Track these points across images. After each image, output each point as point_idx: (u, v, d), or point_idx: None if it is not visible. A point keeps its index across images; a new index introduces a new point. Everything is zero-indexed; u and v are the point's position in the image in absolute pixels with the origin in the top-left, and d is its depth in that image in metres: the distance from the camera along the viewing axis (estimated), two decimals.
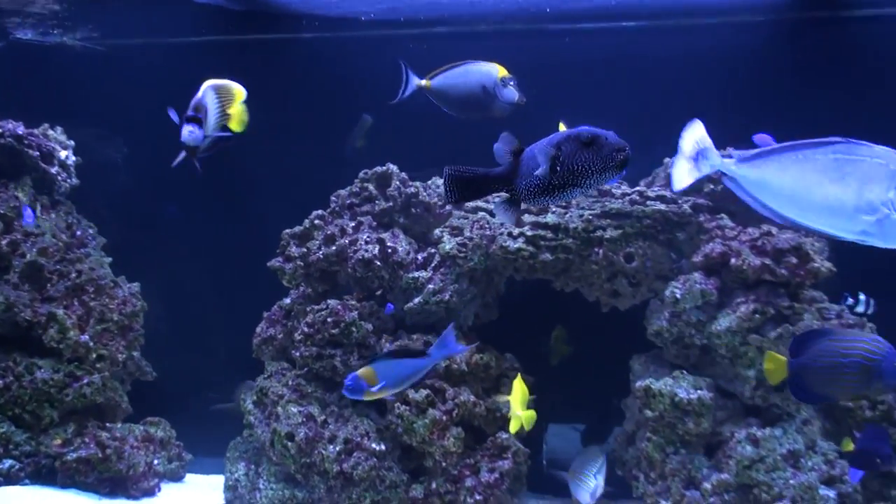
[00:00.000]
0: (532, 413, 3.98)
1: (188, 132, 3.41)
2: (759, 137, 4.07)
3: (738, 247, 4.14)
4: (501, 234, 4.41)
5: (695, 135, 3.40)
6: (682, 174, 3.47)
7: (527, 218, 4.42)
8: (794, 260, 4.07)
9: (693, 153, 3.41)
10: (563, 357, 4.89)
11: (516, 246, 4.35)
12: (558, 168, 2.75)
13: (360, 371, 3.51)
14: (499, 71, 4.13)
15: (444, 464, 4.33)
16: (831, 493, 4.00)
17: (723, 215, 4.37)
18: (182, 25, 5.54)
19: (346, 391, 3.54)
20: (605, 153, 2.72)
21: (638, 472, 4.34)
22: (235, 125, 3.61)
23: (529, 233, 4.36)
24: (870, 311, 4.28)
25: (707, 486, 4.04)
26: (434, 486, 4.36)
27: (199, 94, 3.49)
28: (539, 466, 4.91)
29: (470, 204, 4.67)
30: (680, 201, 4.38)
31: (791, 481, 3.98)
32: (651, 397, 4.16)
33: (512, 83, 4.10)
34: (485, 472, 4.35)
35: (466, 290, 4.55)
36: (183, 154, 3.51)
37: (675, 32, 5.03)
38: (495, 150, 2.92)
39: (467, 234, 4.52)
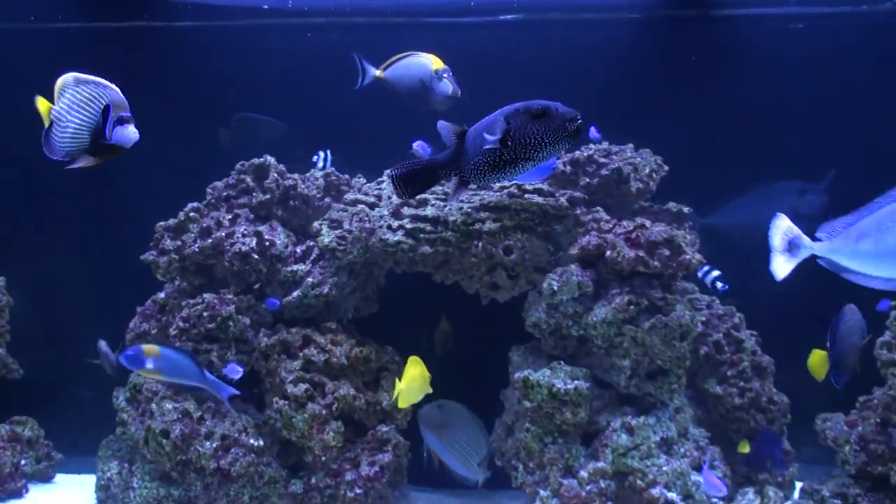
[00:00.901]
0: (412, 388, 3.94)
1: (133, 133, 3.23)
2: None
3: (613, 239, 4.20)
4: (381, 226, 4.37)
5: (782, 228, 3.44)
6: (781, 267, 3.49)
7: (406, 211, 4.40)
8: (666, 252, 4.16)
9: (785, 245, 3.45)
10: (446, 349, 4.89)
11: (396, 239, 4.32)
12: (509, 142, 2.71)
13: (146, 347, 3.61)
14: (433, 63, 4.10)
15: (323, 458, 4.29)
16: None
17: (598, 208, 4.44)
18: (56, 9, 5.30)
19: (123, 358, 3.63)
20: (556, 124, 2.68)
21: (517, 463, 4.39)
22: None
23: (409, 226, 4.34)
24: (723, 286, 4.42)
25: (584, 474, 4.11)
26: (314, 480, 4.32)
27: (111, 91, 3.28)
28: (420, 459, 4.91)
29: (349, 196, 4.62)
30: (557, 194, 4.43)
31: (664, 468, 4.08)
32: (529, 388, 4.19)
33: (446, 75, 4.07)
34: (365, 465, 4.33)
35: (346, 283, 4.51)
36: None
37: (551, 27, 5.06)
38: (442, 135, 2.90)
39: (346, 226, 4.47)
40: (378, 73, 4.25)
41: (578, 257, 4.29)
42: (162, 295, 4.69)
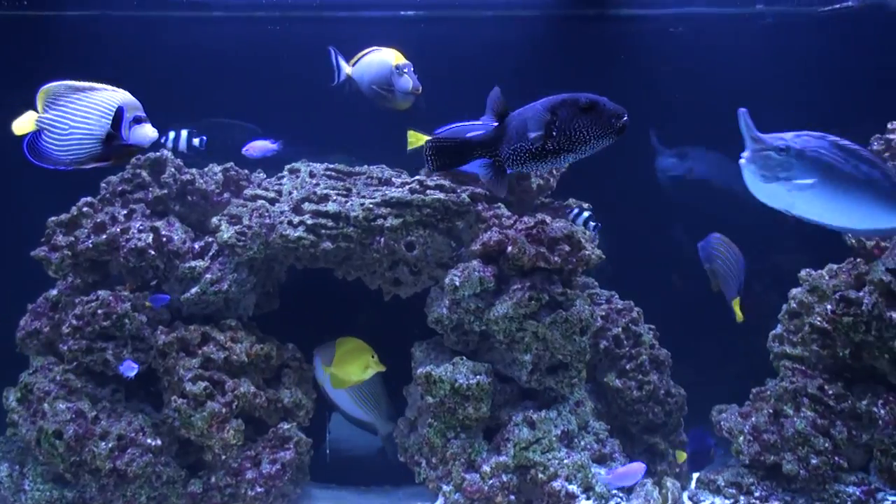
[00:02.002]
0: (349, 371, 3.92)
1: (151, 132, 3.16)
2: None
3: (514, 235, 4.23)
4: (281, 222, 4.32)
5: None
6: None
7: (307, 206, 4.35)
8: (566, 248, 4.20)
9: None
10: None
11: (296, 234, 4.28)
12: (554, 133, 2.66)
13: None
14: (395, 58, 3.98)
15: (224, 457, 4.24)
16: (602, 471, 4.17)
17: (500, 205, 4.46)
18: None
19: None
20: (604, 119, 2.67)
21: (420, 458, 4.39)
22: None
23: (310, 221, 4.30)
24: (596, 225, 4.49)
25: (486, 468, 4.13)
26: (214, 480, 4.25)
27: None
28: (323, 456, 4.89)
29: (248, 192, 4.55)
30: (458, 190, 4.43)
31: (565, 461, 4.12)
32: (432, 384, 4.20)
33: (407, 70, 3.96)
34: (266, 463, 4.28)
35: (246, 279, 4.45)
36: None
37: (451, 23, 5.07)
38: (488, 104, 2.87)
39: (246, 222, 4.40)
40: (349, 69, 4.12)
41: (480, 253, 4.30)
42: (54, 292, 4.53)
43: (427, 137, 3.90)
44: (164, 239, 4.37)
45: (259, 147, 4.58)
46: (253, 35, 5.19)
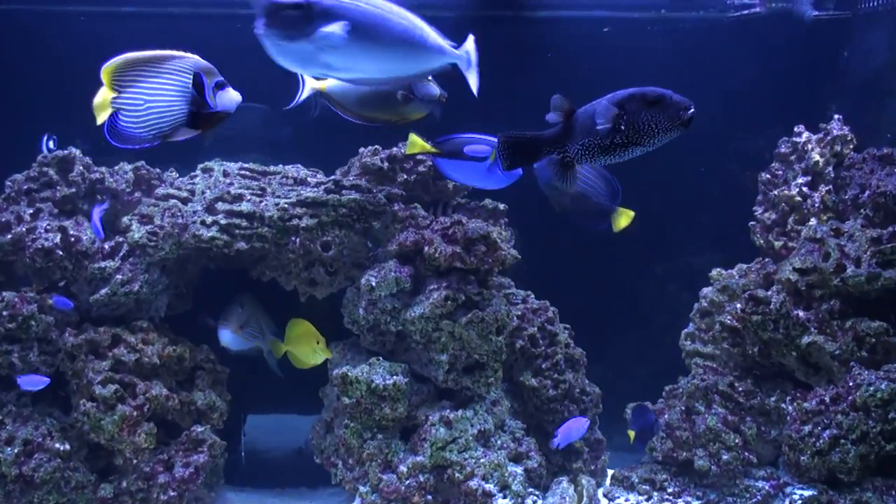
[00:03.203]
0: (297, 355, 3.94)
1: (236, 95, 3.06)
2: None
3: (431, 235, 4.23)
4: (194, 222, 4.25)
5: None
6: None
7: (220, 206, 4.29)
8: (482, 248, 4.21)
9: None
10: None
11: (210, 234, 4.21)
12: (622, 127, 2.68)
13: None
14: None
15: (135, 461, 4.16)
16: (519, 469, 4.21)
17: (416, 205, 4.46)
18: None
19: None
20: (671, 112, 2.72)
21: (336, 459, 4.37)
22: None
23: (223, 221, 4.24)
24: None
25: (403, 468, 4.12)
26: (125, 484, 4.17)
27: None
28: (238, 459, 4.84)
29: (160, 191, 4.47)
30: (375, 190, 4.42)
31: (482, 460, 4.14)
32: (348, 384, 4.18)
33: (429, 77, 3.80)
34: (179, 467, 4.22)
35: (158, 280, 4.37)
36: None
37: None
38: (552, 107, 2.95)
39: (158, 222, 4.33)
40: (320, 85, 3.79)
41: (396, 253, 4.30)
42: None
43: (425, 144, 3.88)
44: (73, 239, 4.27)
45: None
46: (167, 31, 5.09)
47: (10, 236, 4.25)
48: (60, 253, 4.23)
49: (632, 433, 4.23)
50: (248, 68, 3.48)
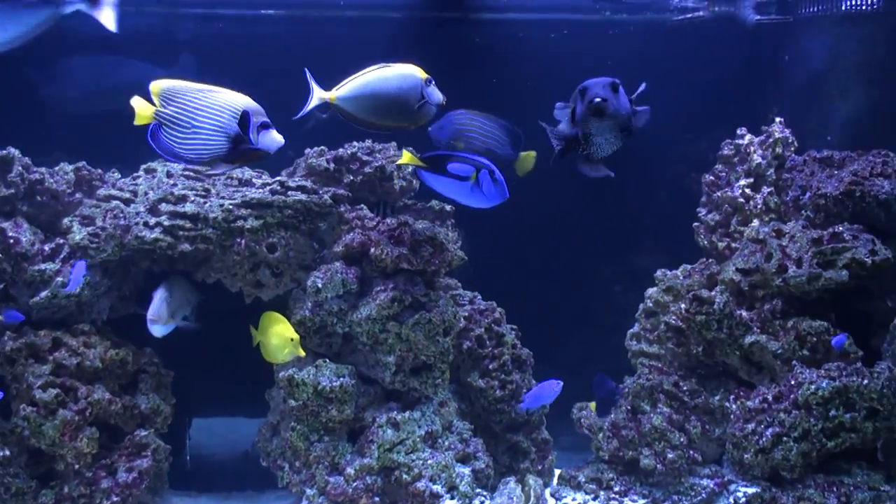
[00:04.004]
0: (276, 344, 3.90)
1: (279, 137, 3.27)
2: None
3: (377, 237, 4.22)
4: (137, 223, 4.20)
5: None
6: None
7: (164, 207, 4.24)
8: (429, 249, 4.21)
9: None
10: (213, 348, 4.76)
11: (153, 236, 4.16)
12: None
13: None
14: (420, 72, 3.78)
15: (77, 466, 4.08)
16: (466, 470, 4.22)
17: (362, 206, 4.45)
18: None
19: None
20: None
21: (283, 462, 4.35)
22: None
23: (167, 223, 4.19)
24: None
25: (350, 470, 4.11)
26: (66, 490, 4.10)
27: None
28: (183, 463, 4.79)
29: (102, 192, 4.39)
30: (321, 192, 4.40)
31: (429, 461, 4.14)
32: (294, 387, 4.16)
33: (433, 83, 3.78)
34: (122, 472, 4.16)
35: (100, 282, 4.31)
36: None
37: (310, 24, 5.02)
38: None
39: (100, 223, 4.26)
40: (329, 95, 3.72)
41: (343, 255, 4.28)
42: None
43: (415, 158, 3.89)
44: (11, 241, 4.18)
45: None
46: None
47: None
48: None
49: (593, 404, 4.27)
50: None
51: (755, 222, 4.64)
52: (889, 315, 4.38)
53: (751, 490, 4.17)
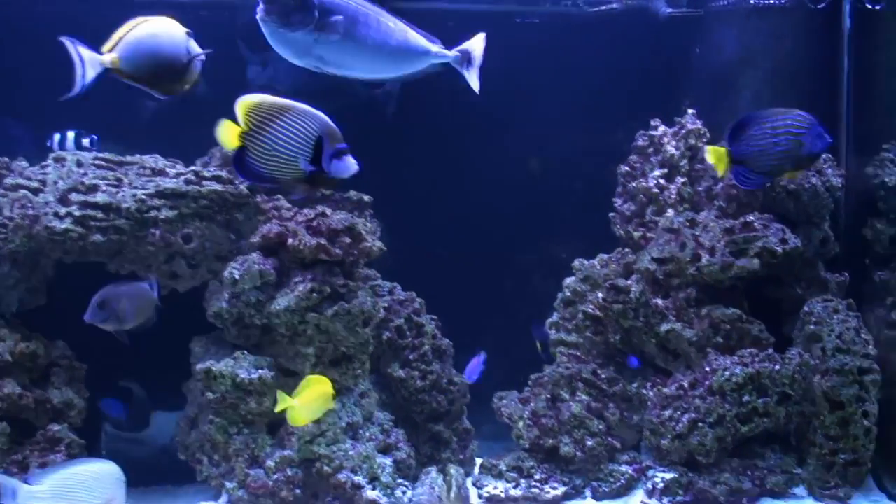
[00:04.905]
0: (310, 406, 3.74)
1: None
2: None
3: (295, 227, 4.18)
4: (46, 213, 4.10)
5: None
6: None
7: (74, 197, 4.15)
8: (347, 240, 4.20)
9: None
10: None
11: (63, 227, 4.07)
12: None
13: None
14: (179, 25, 3.32)
15: None
16: (388, 460, 4.23)
17: (279, 196, 4.42)
18: None
19: None
20: None
21: (202, 456, 4.28)
22: None
23: (78, 213, 4.10)
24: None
25: (271, 463, 4.09)
26: None
27: None
28: (99, 456, 4.69)
29: (9, 181, 4.27)
30: (237, 182, 4.36)
31: (351, 452, 4.13)
32: (212, 379, 4.10)
33: (192, 36, 3.35)
34: (35, 467, 4.02)
35: (8, 274, 4.20)
36: None
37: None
38: None
39: (7, 213, 4.15)
40: (109, 58, 3.15)
41: (260, 245, 4.24)
42: None
43: None
44: None
45: None
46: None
47: None
48: None
49: (539, 344, 4.34)
50: None
51: (669, 212, 4.72)
52: (799, 302, 4.52)
53: (668, 475, 4.26)
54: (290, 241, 4.15)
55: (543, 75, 4.84)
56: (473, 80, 3.43)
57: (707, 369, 4.28)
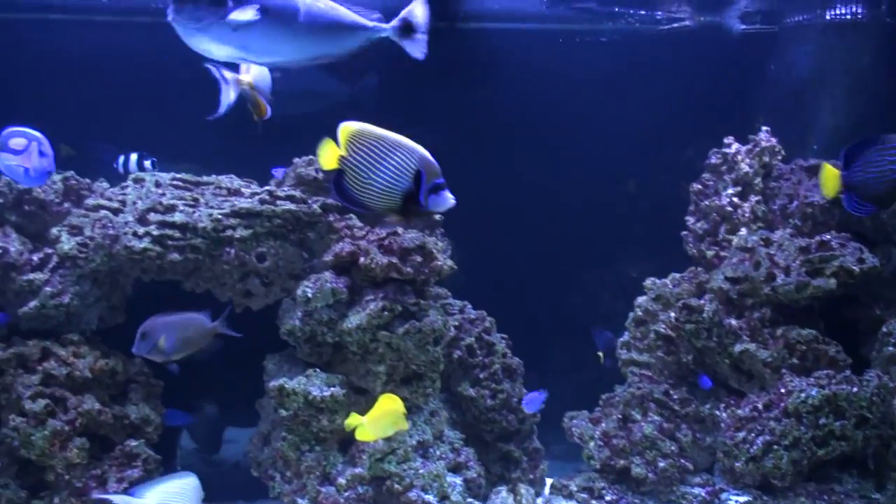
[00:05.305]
0: (380, 423, 3.75)
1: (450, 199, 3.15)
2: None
3: (367, 246, 4.22)
4: (126, 233, 4.19)
5: None
6: None
7: (153, 217, 4.23)
8: (419, 258, 4.22)
9: None
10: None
11: (142, 246, 4.15)
12: None
13: None
14: None
15: (67, 476, 4.06)
16: (458, 480, 4.22)
17: (351, 215, 4.45)
18: None
19: None
20: None
21: (274, 472, 4.32)
22: None
23: (156, 232, 4.18)
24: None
25: (342, 480, 4.10)
26: (57, 500, 4.07)
27: None
28: (174, 473, 4.76)
29: (90, 201, 4.38)
30: (310, 201, 4.40)
31: (421, 470, 4.14)
32: (285, 396, 4.14)
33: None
34: (113, 482, 4.13)
35: (89, 292, 4.30)
36: None
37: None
38: None
39: (88, 233, 4.25)
40: (247, 78, 3.51)
41: (332, 264, 4.28)
42: None
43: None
44: (0, 251, 4.18)
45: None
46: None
47: None
48: None
49: (601, 354, 4.30)
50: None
51: (743, 231, 4.65)
52: (877, 323, 4.41)
53: (742, 498, 4.19)
54: (362, 259, 4.18)
55: (614, 94, 4.84)
56: (417, 48, 3.27)
57: (782, 391, 4.20)
